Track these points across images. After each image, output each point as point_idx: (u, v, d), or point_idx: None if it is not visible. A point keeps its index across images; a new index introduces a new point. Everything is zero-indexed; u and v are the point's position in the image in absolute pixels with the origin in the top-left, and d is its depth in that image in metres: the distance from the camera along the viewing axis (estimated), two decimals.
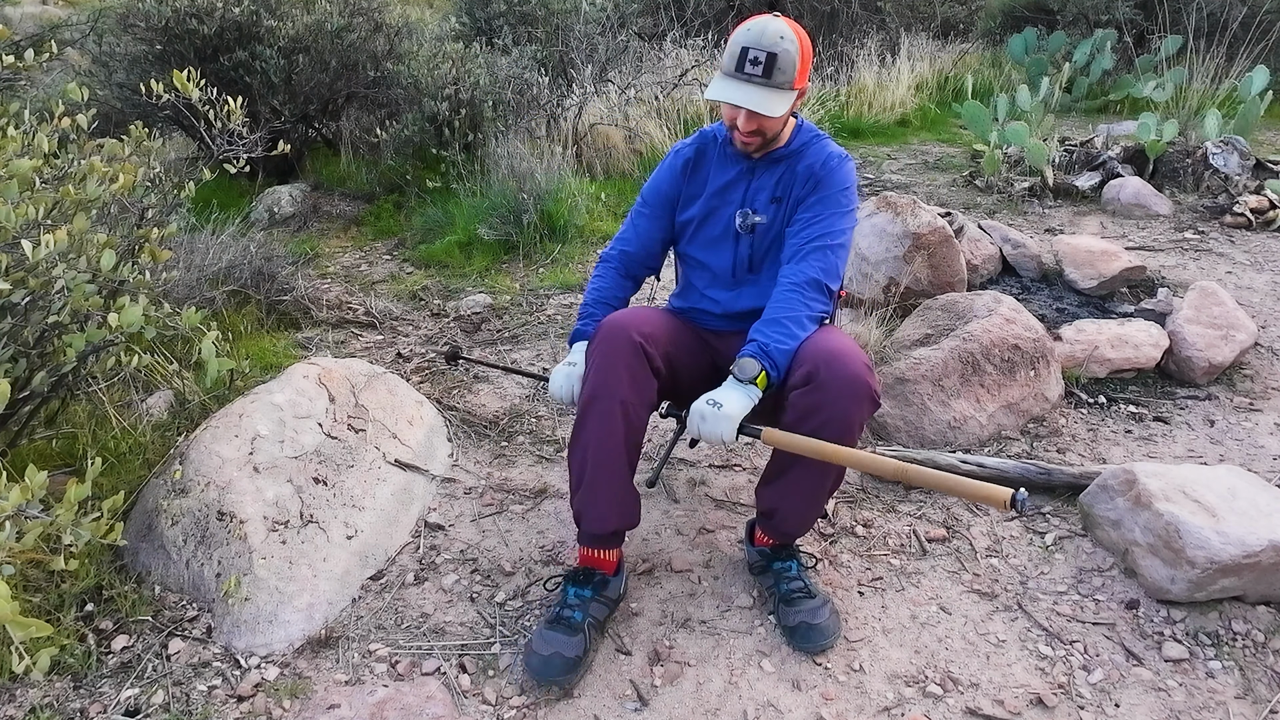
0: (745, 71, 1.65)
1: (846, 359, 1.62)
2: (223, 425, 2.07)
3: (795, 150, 1.82)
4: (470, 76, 4.48)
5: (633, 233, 1.96)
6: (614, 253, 1.97)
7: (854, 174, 1.84)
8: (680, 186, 1.92)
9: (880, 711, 1.61)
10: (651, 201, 1.95)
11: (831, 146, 1.84)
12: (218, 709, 1.60)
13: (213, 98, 2.24)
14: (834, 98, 6.36)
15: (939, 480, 1.49)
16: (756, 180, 1.84)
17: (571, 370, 1.79)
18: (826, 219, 1.77)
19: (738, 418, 1.60)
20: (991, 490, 1.40)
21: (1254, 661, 1.70)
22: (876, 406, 1.67)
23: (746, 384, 1.62)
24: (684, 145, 1.93)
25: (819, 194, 1.79)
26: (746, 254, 1.87)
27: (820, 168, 1.79)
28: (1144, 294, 3.28)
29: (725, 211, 1.87)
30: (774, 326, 1.68)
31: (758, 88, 1.65)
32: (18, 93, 4.17)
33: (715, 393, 1.63)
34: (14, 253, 1.57)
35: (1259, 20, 6.26)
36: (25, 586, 1.71)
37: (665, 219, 1.95)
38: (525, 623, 1.82)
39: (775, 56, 1.63)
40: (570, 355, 1.84)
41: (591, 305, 1.91)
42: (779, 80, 1.65)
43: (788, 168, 1.82)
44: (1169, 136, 4.68)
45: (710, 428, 1.60)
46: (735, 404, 1.60)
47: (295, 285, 3.36)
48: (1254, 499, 1.87)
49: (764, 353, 1.65)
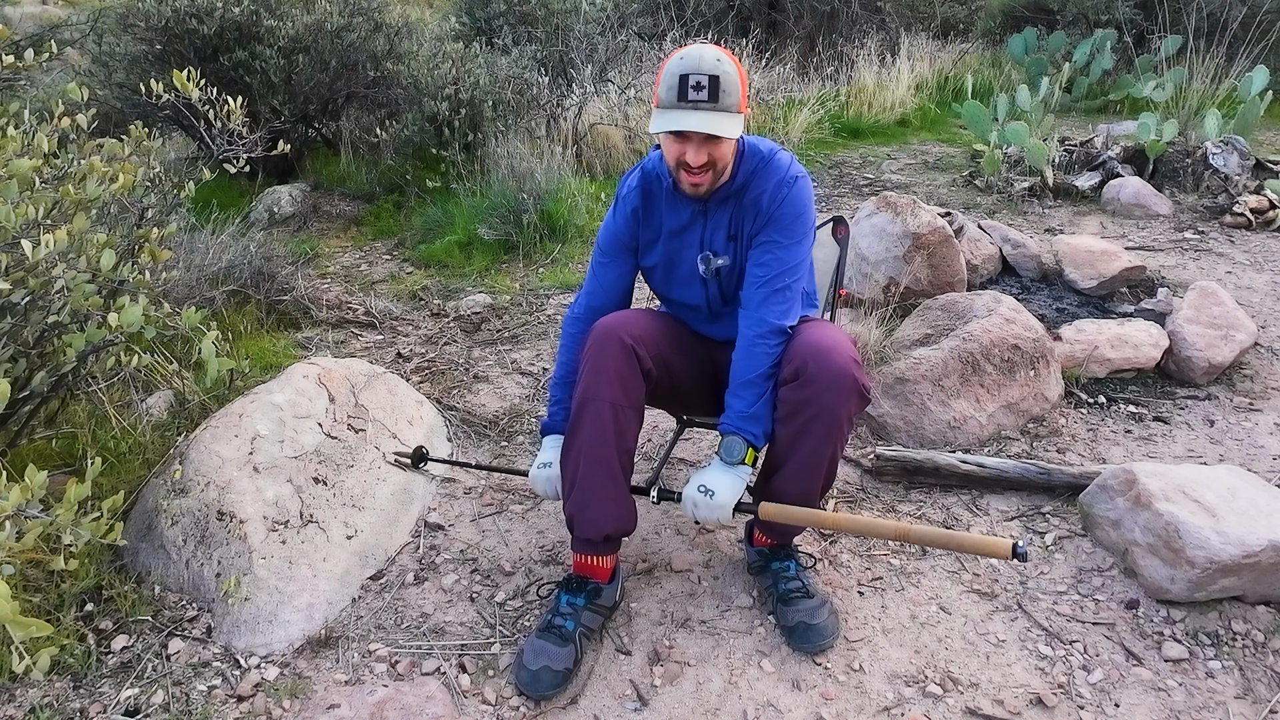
0: (690, 99, 1.56)
1: (834, 353, 1.63)
2: (223, 425, 2.07)
3: (740, 185, 1.74)
4: (470, 76, 4.49)
5: (597, 285, 1.91)
6: (581, 310, 1.92)
7: (808, 195, 1.75)
8: (636, 233, 1.86)
9: (880, 711, 1.61)
10: (609, 250, 1.89)
11: (780, 169, 1.74)
12: (217, 709, 1.60)
13: (213, 98, 2.24)
14: (834, 98, 6.37)
15: (942, 538, 1.58)
16: (711, 221, 1.78)
17: (550, 473, 1.82)
18: (780, 254, 1.72)
19: (730, 505, 1.66)
20: (993, 543, 1.50)
21: (1254, 661, 1.70)
22: (866, 401, 1.67)
23: (735, 465, 1.66)
24: (629, 191, 1.85)
25: (771, 228, 1.73)
26: (717, 293, 1.85)
27: (768, 200, 1.72)
28: (1144, 294, 3.28)
29: (686, 254, 1.83)
30: (747, 389, 1.69)
31: (706, 113, 1.57)
32: (18, 93, 4.17)
33: (707, 478, 1.67)
34: (14, 253, 1.57)
35: (1259, 20, 6.26)
36: (25, 586, 1.71)
37: (627, 265, 1.90)
38: (525, 623, 1.82)
39: (718, 79, 1.56)
40: (542, 454, 1.86)
41: (557, 384, 1.89)
42: (726, 103, 1.57)
43: (736, 203, 1.76)
44: (1169, 136, 4.68)
45: (705, 515, 1.68)
46: (726, 490, 1.66)
47: (295, 285, 3.36)
48: (1254, 499, 1.87)
49: (744, 428, 1.67)
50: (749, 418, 1.68)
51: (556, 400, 1.88)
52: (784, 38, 7.90)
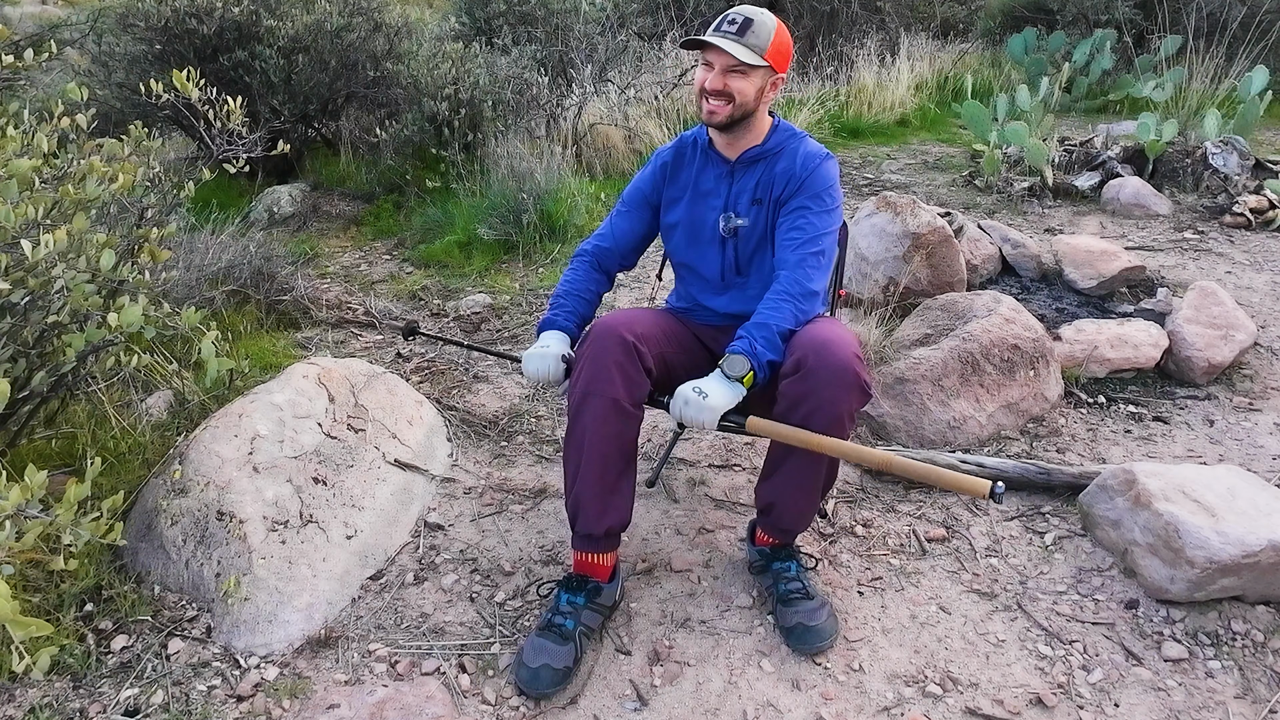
0: (721, 29, 1.71)
1: (836, 348, 1.63)
2: (222, 425, 2.07)
3: (772, 150, 1.83)
4: (470, 76, 4.48)
5: (609, 230, 1.99)
6: (589, 248, 1.99)
7: (835, 172, 1.84)
8: (660, 189, 1.94)
9: (880, 711, 1.61)
10: (630, 202, 1.98)
11: (811, 145, 1.85)
12: (217, 709, 1.60)
13: (212, 97, 2.24)
14: (834, 97, 6.37)
15: (922, 471, 1.55)
16: (737, 183, 1.85)
17: (545, 351, 1.79)
18: (813, 219, 1.78)
19: (720, 409, 1.61)
20: (971, 481, 1.48)
21: (1253, 661, 1.70)
22: (867, 397, 1.67)
23: (733, 380, 1.64)
24: (664, 149, 1.96)
25: (801, 195, 1.80)
26: (732, 257, 1.89)
27: (800, 168, 1.80)
28: (1143, 294, 3.28)
29: (708, 216, 1.89)
30: (764, 331, 1.69)
31: (731, 40, 1.69)
32: (17, 93, 4.17)
33: (703, 381, 1.65)
34: (14, 253, 1.57)
35: (1259, 20, 6.26)
36: (25, 586, 1.71)
37: (642, 218, 1.98)
38: (525, 622, 1.82)
39: (751, 20, 1.70)
40: (541, 339, 1.85)
41: (562, 296, 1.92)
42: (751, 41, 1.69)
43: (766, 168, 1.83)
44: (1168, 136, 4.68)
45: (693, 413, 1.62)
46: (720, 396, 1.62)
47: (295, 285, 3.36)
48: (1254, 499, 1.87)
49: (752, 353, 1.66)
50: (759, 352, 1.66)
51: (557, 306, 1.90)
52: None
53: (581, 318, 1.90)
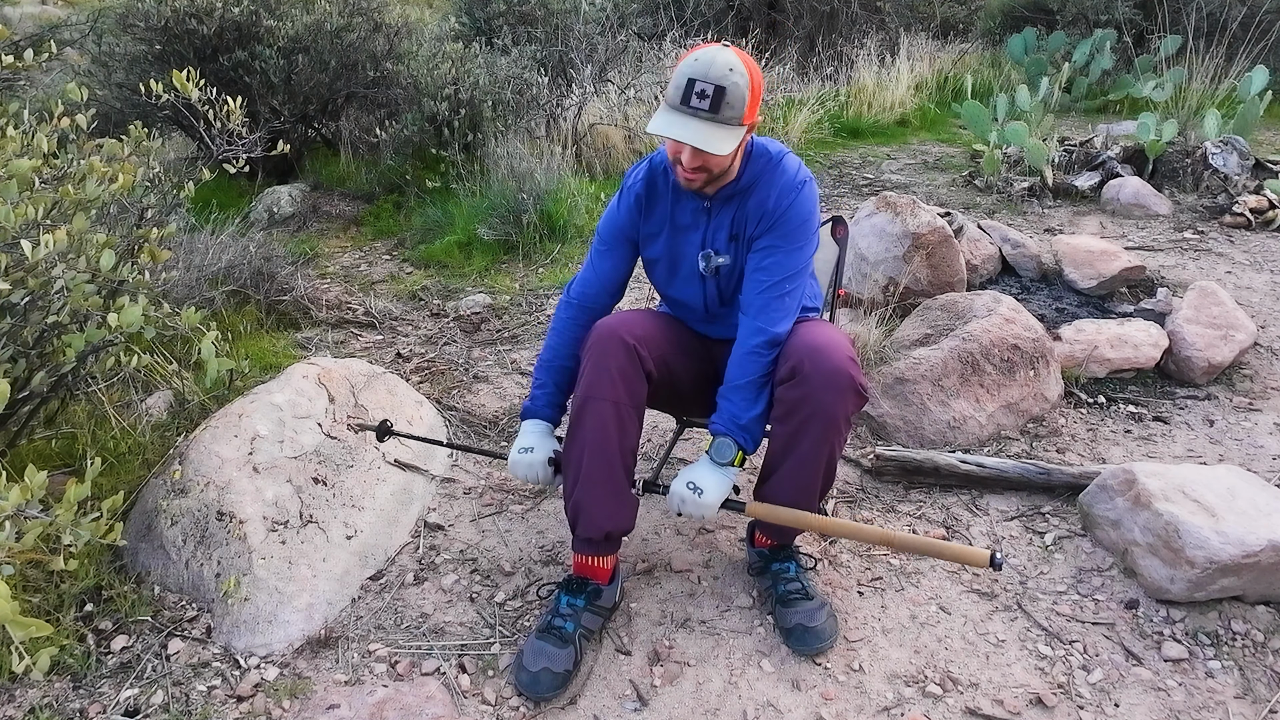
0: (691, 105, 1.54)
1: (830, 352, 1.63)
2: (222, 425, 2.07)
3: (745, 186, 1.73)
4: (470, 76, 4.48)
5: (593, 274, 1.90)
6: (575, 296, 1.91)
7: (813, 201, 1.74)
8: (637, 224, 1.85)
9: (880, 711, 1.61)
10: (608, 239, 1.88)
11: (787, 173, 1.73)
12: (217, 709, 1.60)
13: (212, 98, 2.24)
14: (834, 97, 6.36)
15: (922, 545, 1.61)
16: (714, 220, 1.77)
17: (532, 459, 1.77)
18: (781, 259, 1.72)
19: (716, 504, 1.66)
20: (972, 553, 1.53)
21: (1253, 661, 1.70)
22: (863, 400, 1.67)
23: (724, 466, 1.67)
24: (634, 181, 1.84)
25: (773, 233, 1.72)
26: (715, 293, 1.85)
27: (773, 205, 1.71)
28: (1143, 294, 3.28)
29: (688, 251, 1.82)
30: (739, 393, 1.69)
31: (704, 123, 1.55)
32: (17, 93, 4.17)
33: (696, 475, 1.67)
34: (14, 253, 1.57)
35: (1258, 20, 6.26)
36: (25, 586, 1.71)
37: (623, 256, 1.90)
38: (525, 623, 1.82)
39: (724, 90, 1.53)
40: (521, 438, 1.81)
41: (545, 370, 1.87)
42: (727, 115, 1.55)
43: (740, 203, 1.75)
44: (1168, 136, 4.68)
45: (691, 510, 1.67)
46: (714, 491, 1.66)
47: (295, 285, 3.36)
48: (1253, 499, 1.87)
49: (736, 428, 1.67)
50: (742, 423, 1.68)
51: (539, 384, 1.87)
52: (784, 38, 7.90)
53: (564, 392, 1.85)
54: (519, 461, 1.79)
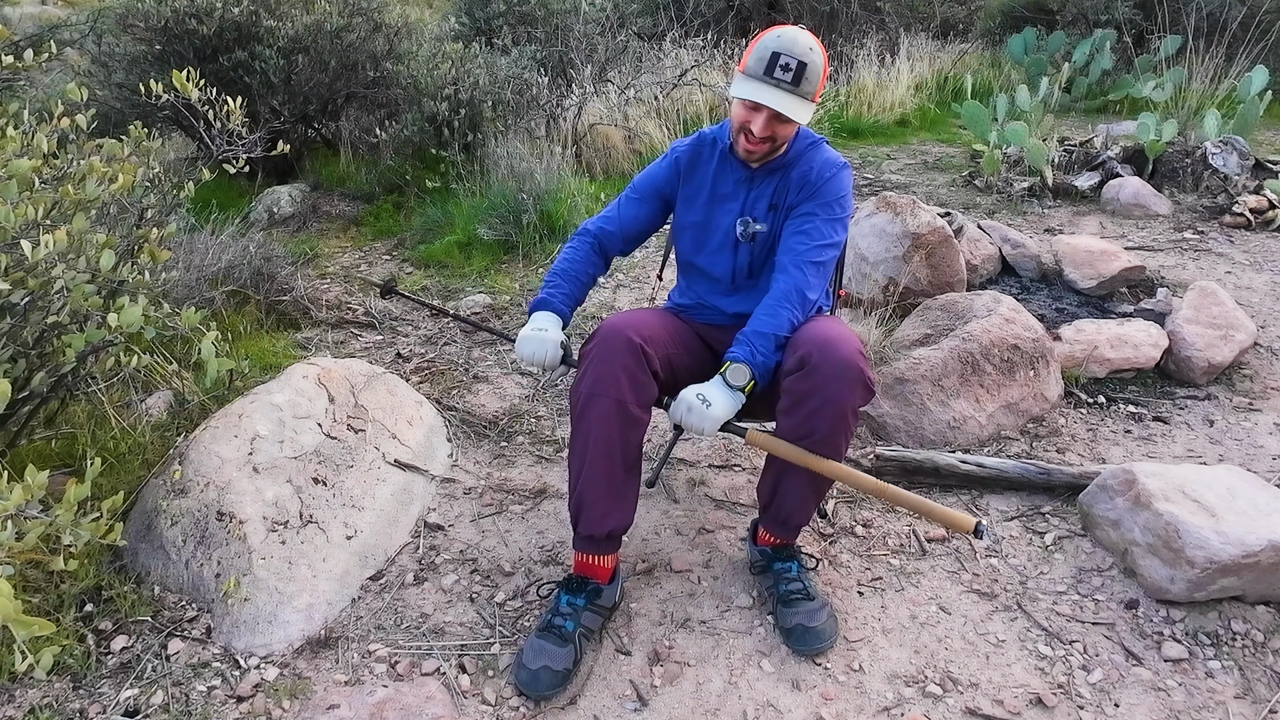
0: (775, 76, 1.65)
1: (840, 344, 1.64)
2: (222, 425, 2.07)
3: (791, 159, 1.84)
4: (470, 76, 4.48)
5: (615, 214, 1.99)
6: (593, 228, 1.98)
7: (849, 182, 1.85)
8: (675, 184, 1.93)
9: (880, 711, 1.61)
10: (641, 189, 1.97)
11: (828, 153, 1.85)
12: (217, 709, 1.60)
13: (212, 98, 2.24)
14: (834, 98, 6.36)
15: (913, 502, 1.61)
16: (755, 189, 1.86)
17: (543, 335, 1.79)
18: (822, 226, 1.79)
19: (722, 418, 1.65)
20: (958, 516, 1.53)
21: (1253, 661, 1.70)
22: (871, 393, 1.68)
23: (735, 389, 1.66)
24: (681, 145, 1.94)
25: (814, 201, 1.80)
26: (746, 261, 1.89)
27: (815, 176, 1.81)
28: (1143, 294, 3.28)
29: (724, 220, 1.89)
30: (762, 340, 1.70)
31: (785, 93, 1.66)
32: (17, 93, 4.17)
33: (706, 388, 1.66)
34: (14, 253, 1.57)
35: (1258, 20, 6.26)
36: (25, 587, 1.71)
37: (651, 208, 1.97)
38: (525, 623, 1.82)
39: (805, 65, 1.65)
40: (532, 321, 1.84)
41: (558, 274, 1.92)
42: (805, 89, 1.67)
43: (783, 175, 1.84)
44: (1168, 136, 4.68)
45: (695, 420, 1.65)
46: (722, 406, 1.65)
47: (295, 285, 3.36)
48: (1253, 499, 1.87)
49: (753, 361, 1.67)
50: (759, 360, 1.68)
51: (552, 285, 1.89)
52: None
53: (575, 300, 1.91)
54: (529, 338, 1.79)
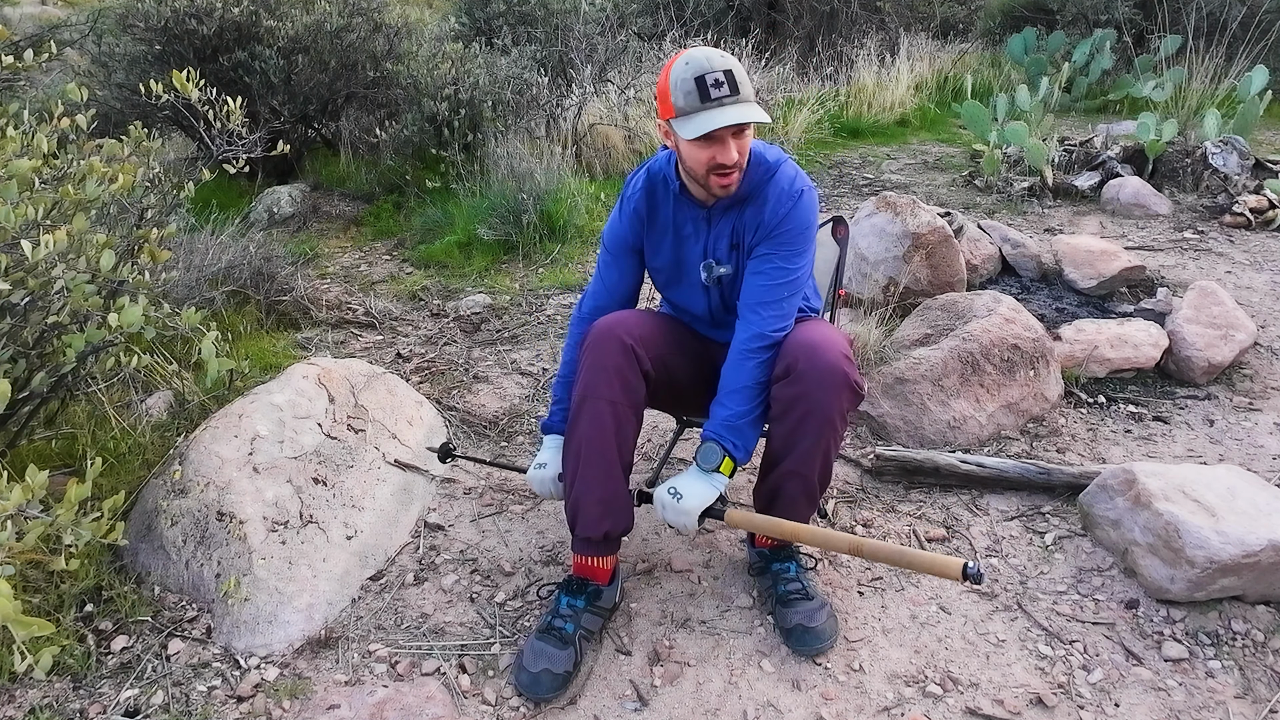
0: (714, 98, 1.54)
1: (824, 349, 1.63)
2: (222, 425, 2.07)
3: (744, 195, 1.73)
4: (470, 76, 4.49)
5: (602, 287, 1.93)
6: (586, 311, 1.93)
7: (811, 210, 1.74)
8: (640, 234, 1.86)
9: (880, 711, 1.61)
10: (614, 250, 1.90)
11: (784, 184, 1.72)
12: (217, 709, 1.60)
13: (212, 98, 2.24)
14: (834, 98, 6.37)
15: (893, 555, 1.54)
16: (714, 228, 1.78)
17: (544, 474, 1.82)
18: (780, 265, 1.72)
19: (696, 511, 1.64)
20: (944, 562, 1.45)
21: (1254, 661, 1.70)
22: (858, 396, 1.67)
23: (710, 472, 1.66)
24: (634, 191, 1.85)
25: (771, 241, 1.73)
26: (719, 301, 1.87)
27: (769, 214, 1.71)
28: (1143, 294, 3.28)
29: (690, 262, 1.84)
30: (733, 398, 1.68)
31: (738, 105, 1.56)
32: (17, 93, 4.17)
33: (678, 481, 1.67)
34: (14, 253, 1.57)
35: (1258, 20, 6.26)
36: (25, 587, 1.71)
37: (631, 265, 1.91)
38: (525, 623, 1.82)
39: (732, 72, 1.55)
40: (541, 453, 1.87)
41: (559, 383, 1.90)
42: (747, 93, 1.57)
43: (738, 215, 1.75)
44: (1168, 136, 4.68)
45: (671, 518, 1.67)
46: (695, 498, 1.64)
47: (295, 285, 3.36)
48: (1254, 499, 1.87)
49: (725, 436, 1.66)
50: (732, 428, 1.67)
51: (558, 400, 1.89)
52: (784, 38, 7.90)
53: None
54: (534, 477, 1.87)
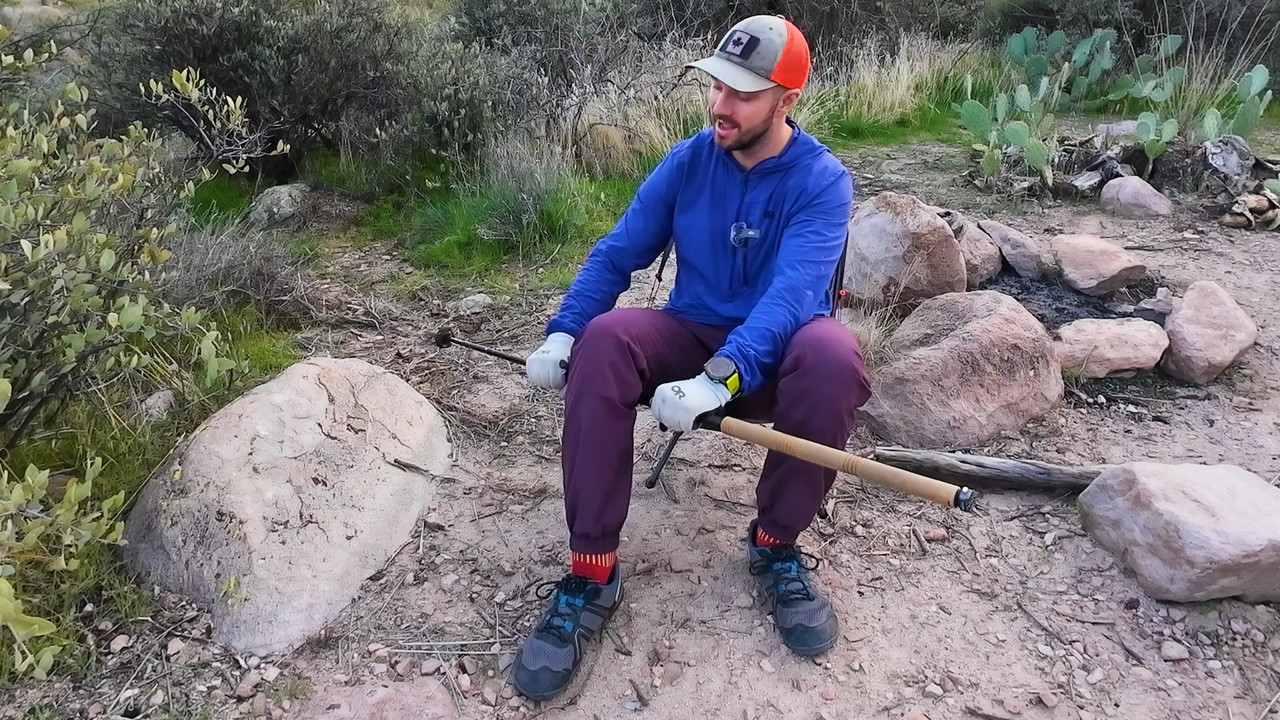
0: (726, 50, 1.68)
1: (834, 345, 1.64)
2: (222, 425, 2.07)
3: (788, 164, 1.81)
4: (470, 76, 4.48)
5: (624, 229, 1.99)
6: (604, 247, 2.00)
7: (849, 191, 1.83)
8: (676, 189, 1.93)
9: (880, 711, 1.61)
10: (646, 201, 1.97)
11: (827, 161, 1.82)
12: (217, 709, 1.60)
13: (212, 98, 2.24)
14: (834, 97, 6.37)
15: (886, 475, 1.48)
16: (750, 193, 1.84)
17: (545, 357, 1.82)
18: (821, 230, 1.77)
19: (695, 410, 1.59)
20: (937, 487, 1.40)
21: (1253, 661, 1.70)
22: (866, 394, 1.67)
23: (717, 382, 1.62)
24: (681, 148, 1.94)
25: (812, 209, 1.78)
26: (741, 267, 1.89)
27: (812, 184, 1.78)
28: (1143, 294, 3.28)
29: (721, 224, 1.88)
30: (755, 334, 1.68)
31: (732, 65, 1.67)
32: (17, 93, 4.17)
33: (684, 383, 1.64)
34: (14, 253, 1.57)
35: (1258, 20, 6.26)
36: (25, 587, 1.71)
37: (658, 218, 1.97)
38: (525, 623, 1.82)
39: (757, 40, 1.65)
40: (545, 344, 1.87)
41: (573, 297, 1.94)
42: (755, 64, 1.65)
43: (780, 182, 1.82)
44: (1168, 136, 4.68)
45: (668, 412, 1.60)
46: (696, 397, 1.60)
47: (295, 285, 3.36)
48: (1253, 498, 1.87)
49: (741, 355, 1.65)
50: (748, 358, 1.64)
51: (567, 305, 1.92)
52: None
53: (590, 319, 1.88)
54: (534, 360, 1.84)
